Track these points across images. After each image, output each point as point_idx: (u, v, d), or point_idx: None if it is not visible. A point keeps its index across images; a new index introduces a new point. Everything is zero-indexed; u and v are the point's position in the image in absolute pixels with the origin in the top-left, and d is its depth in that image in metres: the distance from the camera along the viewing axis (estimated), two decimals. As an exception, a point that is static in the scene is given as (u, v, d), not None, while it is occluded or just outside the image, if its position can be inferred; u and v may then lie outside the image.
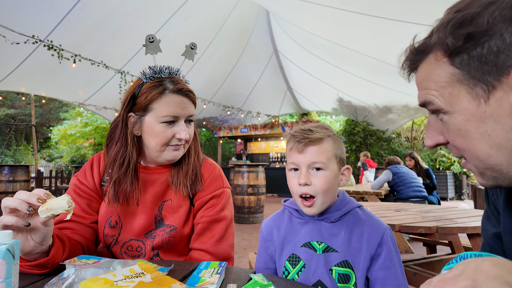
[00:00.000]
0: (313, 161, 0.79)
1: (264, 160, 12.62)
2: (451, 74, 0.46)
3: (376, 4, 4.79)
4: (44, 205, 0.65)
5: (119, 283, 0.55)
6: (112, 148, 0.96)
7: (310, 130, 0.81)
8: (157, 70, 0.93)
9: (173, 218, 0.96)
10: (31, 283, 0.70)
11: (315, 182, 0.78)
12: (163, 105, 0.90)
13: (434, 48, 0.48)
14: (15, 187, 6.11)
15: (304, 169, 0.79)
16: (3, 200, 0.65)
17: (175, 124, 0.92)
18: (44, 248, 0.73)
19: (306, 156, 0.79)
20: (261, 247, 0.91)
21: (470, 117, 0.45)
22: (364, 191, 4.11)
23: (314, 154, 0.79)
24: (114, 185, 0.93)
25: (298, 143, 0.80)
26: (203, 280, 0.66)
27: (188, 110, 0.94)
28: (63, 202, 0.66)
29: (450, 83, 0.46)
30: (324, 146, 0.80)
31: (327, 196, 0.79)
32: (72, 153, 14.26)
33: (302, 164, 0.79)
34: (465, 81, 0.45)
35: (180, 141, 0.93)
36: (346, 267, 0.76)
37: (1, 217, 0.65)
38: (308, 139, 0.78)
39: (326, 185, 0.78)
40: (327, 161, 0.79)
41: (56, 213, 0.66)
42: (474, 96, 0.44)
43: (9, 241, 0.55)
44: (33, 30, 5.33)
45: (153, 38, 0.94)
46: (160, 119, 0.90)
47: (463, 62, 0.44)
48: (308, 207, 0.79)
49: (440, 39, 0.46)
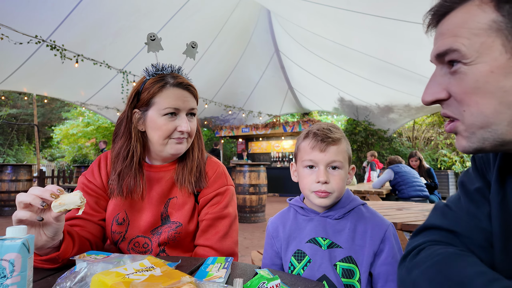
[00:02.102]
0: (333, 159, 0.81)
1: (266, 160, 12.63)
2: (492, 21, 0.44)
3: (378, 4, 4.79)
4: (57, 200, 0.67)
5: (130, 276, 0.56)
6: (117, 143, 0.99)
7: (329, 129, 0.84)
8: (160, 67, 0.97)
9: (178, 215, 0.98)
10: (43, 277, 0.72)
11: (332, 180, 0.81)
12: (164, 98, 0.93)
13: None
14: (17, 187, 6.15)
15: (322, 167, 0.82)
16: (17, 196, 0.67)
17: (177, 117, 0.94)
18: (56, 243, 0.75)
19: (326, 155, 0.81)
20: (267, 244, 0.93)
21: (496, 69, 0.44)
22: (365, 190, 4.12)
23: (334, 153, 0.81)
24: (118, 178, 0.95)
25: (320, 142, 0.82)
26: (211, 275, 0.67)
27: (189, 103, 0.96)
28: (76, 198, 0.68)
29: (487, 32, 0.44)
30: (342, 146, 0.83)
31: (340, 193, 0.83)
32: (73, 152, 14.29)
33: (321, 163, 0.82)
34: (505, 31, 0.43)
35: (182, 134, 0.95)
36: (350, 263, 0.78)
37: (15, 212, 0.67)
38: (331, 138, 0.81)
39: (341, 183, 0.82)
40: (344, 161, 0.83)
41: (68, 208, 0.68)
42: (508, 49, 0.43)
43: (24, 236, 0.57)
44: (36, 30, 5.36)
45: (154, 36, 0.97)
46: (161, 111, 0.92)
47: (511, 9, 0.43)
48: (323, 198, 0.82)
49: None
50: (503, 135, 0.46)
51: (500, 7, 0.44)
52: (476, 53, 0.45)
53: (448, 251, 0.52)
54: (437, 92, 0.51)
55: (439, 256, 0.51)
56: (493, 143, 0.48)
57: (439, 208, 0.64)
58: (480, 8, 0.46)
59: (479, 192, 0.59)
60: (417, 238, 0.61)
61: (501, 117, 0.45)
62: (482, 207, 0.58)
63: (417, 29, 4.69)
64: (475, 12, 0.46)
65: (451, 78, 0.49)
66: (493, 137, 0.47)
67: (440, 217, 0.62)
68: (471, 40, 0.45)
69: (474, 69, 0.46)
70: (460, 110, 0.49)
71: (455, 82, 0.48)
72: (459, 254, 0.50)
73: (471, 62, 0.46)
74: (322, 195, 0.82)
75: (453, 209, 0.61)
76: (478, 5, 0.46)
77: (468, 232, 0.57)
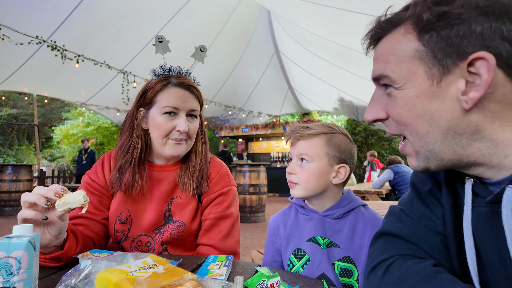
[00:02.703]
0: (300, 152, 0.87)
1: (266, 160, 12.64)
2: (415, 50, 0.48)
3: (378, 4, 4.81)
4: (61, 199, 0.69)
5: (134, 273, 0.57)
6: (120, 139, 1.02)
7: (307, 126, 0.89)
8: (166, 68, 0.99)
9: (181, 214, 0.99)
10: (48, 275, 0.73)
11: (299, 171, 0.87)
12: (165, 97, 0.94)
13: (407, 20, 0.49)
14: (18, 187, 6.16)
15: (294, 159, 0.89)
16: (22, 195, 0.69)
17: (176, 117, 0.95)
18: (60, 241, 0.76)
19: (296, 148, 0.89)
20: (269, 241, 0.95)
21: (420, 94, 0.48)
22: (365, 190, 4.14)
23: (303, 147, 0.87)
24: (119, 172, 0.97)
25: (292, 137, 0.90)
26: (212, 272, 0.69)
27: (189, 103, 0.96)
28: (79, 197, 0.70)
29: (411, 59, 0.48)
30: (314, 142, 0.86)
31: (309, 185, 0.86)
32: (74, 152, 14.31)
33: (293, 155, 0.90)
34: (426, 60, 0.47)
35: (180, 134, 0.95)
36: (348, 263, 0.80)
37: (21, 212, 0.69)
38: (300, 134, 0.88)
39: (307, 176, 0.85)
40: (314, 155, 0.85)
41: (72, 207, 0.69)
42: (430, 76, 0.47)
43: (30, 234, 0.58)
44: (36, 31, 5.37)
45: (162, 38, 1.01)
46: (161, 110, 0.94)
47: (431, 40, 0.46)
48: (291, 188, 0.90)
49: (417, 12, 0.47)
50: (440, 154, 0.49)
51: (421, 36, 0.47)
52: (403, 79, 0.49)
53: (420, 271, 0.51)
54: (377, 112, 0.55)
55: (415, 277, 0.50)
56: (435, 162, 0.51)
57: (395, 214, 0.64)
58: (405, 36, 0.49)
59: (431, 194, 0.61)
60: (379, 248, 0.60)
61: (433, 137, 0.49)
62: (435, 210, 0.59)
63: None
64: (401, 40, 0.49)
65: (388, 99, 0.53)
66: (433, 156, 0.50)
67: (397, 224, 0.61)
68: (398, 66, 0.49)
69: (403, 94, 0.50)
70: (400, 129, 0.53)
71: (391, 103, 0.52)
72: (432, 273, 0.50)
73: (400, 87, 0.50)
74: (290, 185, 0.90)
75: (409, 215, 0.62)
76: (403, 34, 0.49)
77: (425, 239, 0.58)
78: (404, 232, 0.60)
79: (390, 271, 0.54)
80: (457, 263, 0.55)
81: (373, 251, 0.61)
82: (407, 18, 0.49)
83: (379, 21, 0.53)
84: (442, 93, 0.46)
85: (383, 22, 0.52)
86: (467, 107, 0.45)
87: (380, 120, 0.56)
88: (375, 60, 0.54)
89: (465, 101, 0.45)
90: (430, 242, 0.57)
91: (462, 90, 0.45)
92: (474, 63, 0.44)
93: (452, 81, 0.46)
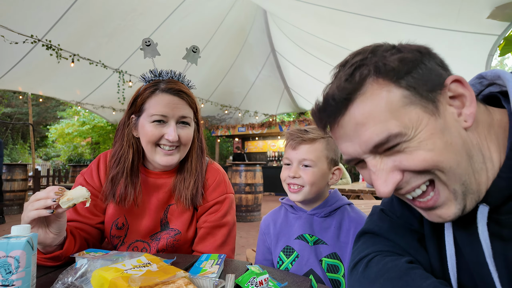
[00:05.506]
0: (303, 157, 0.87)
1: (262, 159, 12.67)
2: (403, 97, 0.47)
3: (373, 5, 4.85)
4: (64, 196, 0.71)
5: (128, 271, 0.60)
6: (113, 148, 1.01)
7: (305, 130, 0.90)
8: (157, 73, 0.96)
9: (177, 223, 0.99)
10: (45, 273, 0.75)
11: (304, 175, 0.88)
12: (153, 105, 0.90)
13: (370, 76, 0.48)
14: (13, 186, 6.12)
15: (295, 164, 0.89)
16: (25, 205, 0.72)
17: (166, 125, 0.91)
18: (61, 239, 0.79)
19: (298, 153, 0.88)
20: (260, 240, 0.98)
21: (433, 131, 0.46)
22: (360, 190, 4.18)
23: (305, 152, 0.87)
24: (112, 184, 0.96)
25: (292, 141, 0.90)
26: (204, 270, 0.72)
27: (179, 110, 0.91)
28: (83, 191, 0.72)
29: (405, 107, 0.47)
30: (316, 146, 0.87)
31: (313, 188, 0.88)
32: (69, 152, 14.22)
33: (294, 160, 0.89)
34: (417, 101, 0.47)
35: (169, 142, 0.91)
36: (334, 259, 0.83)
37: (24, 213, 0.71)
38: (301, 138, 0.88)
39: (313, 179, 0.87)
40: (316, 160, 0.87)
41: (77, 202, 0.72)
42: (430, 113, 0.47)
43: (28, 234, 0.61)
44: (31, 30, 5.33)
45: (150, 41, 0.95)
46: (149, 118, 0.90)
47: (409, 83, 0.47)
48: (294, 193, 0.90)
49: (379, 66, 0.47)
50: (471, 184, 0.48)
51: (399, 84, 0.47)
52: (411, 127, 0.46)
53: (396, 267, 0.54)
54: (393, 178, 0.49)
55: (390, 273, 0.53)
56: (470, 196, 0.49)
57: (376, 213, 0.69)
58: (383, 89, 0.47)
59: None
60: (361, 245, 0.65)
61: (463, 167, 0.47)
62: (413, 210, 0.62)
63: (411, 31, 4.77)
64: (382, 95, 0.47)
65: (399, 157, 0.48)
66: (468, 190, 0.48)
67: (377, 223, 0.66)
68: (399, 119, 0.46)
69: (418, 140, 0.47)
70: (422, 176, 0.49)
71: (407, 157, 0.48)
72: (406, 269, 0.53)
73: (412, 137, 0.47)
74: (292, 190, 0.89)
75: (389, 214, 0.66)
76: (380, 88, 0.47)
77: (402, 237, 0.62)
78: (383, 230, 0.64)
79: (369, 267, 0.58)
80: (437, 262, 0.58)
81: (356, 248, 0.65)
82: (368, 75, 0.48)
83: (332, 95, 0.50)
84: (446, 122, 0.47)
85: (342, 90, 0.49)
86: (468, 124, 0.48)
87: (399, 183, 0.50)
88: (360, 126, 0.49)
89: (464, 120, 0.48)
90: (407, 239, 0.61)
91: (456, 113, 0.48)
92: (450, 88, 0.48)
93: (445, 109, 0.48)
